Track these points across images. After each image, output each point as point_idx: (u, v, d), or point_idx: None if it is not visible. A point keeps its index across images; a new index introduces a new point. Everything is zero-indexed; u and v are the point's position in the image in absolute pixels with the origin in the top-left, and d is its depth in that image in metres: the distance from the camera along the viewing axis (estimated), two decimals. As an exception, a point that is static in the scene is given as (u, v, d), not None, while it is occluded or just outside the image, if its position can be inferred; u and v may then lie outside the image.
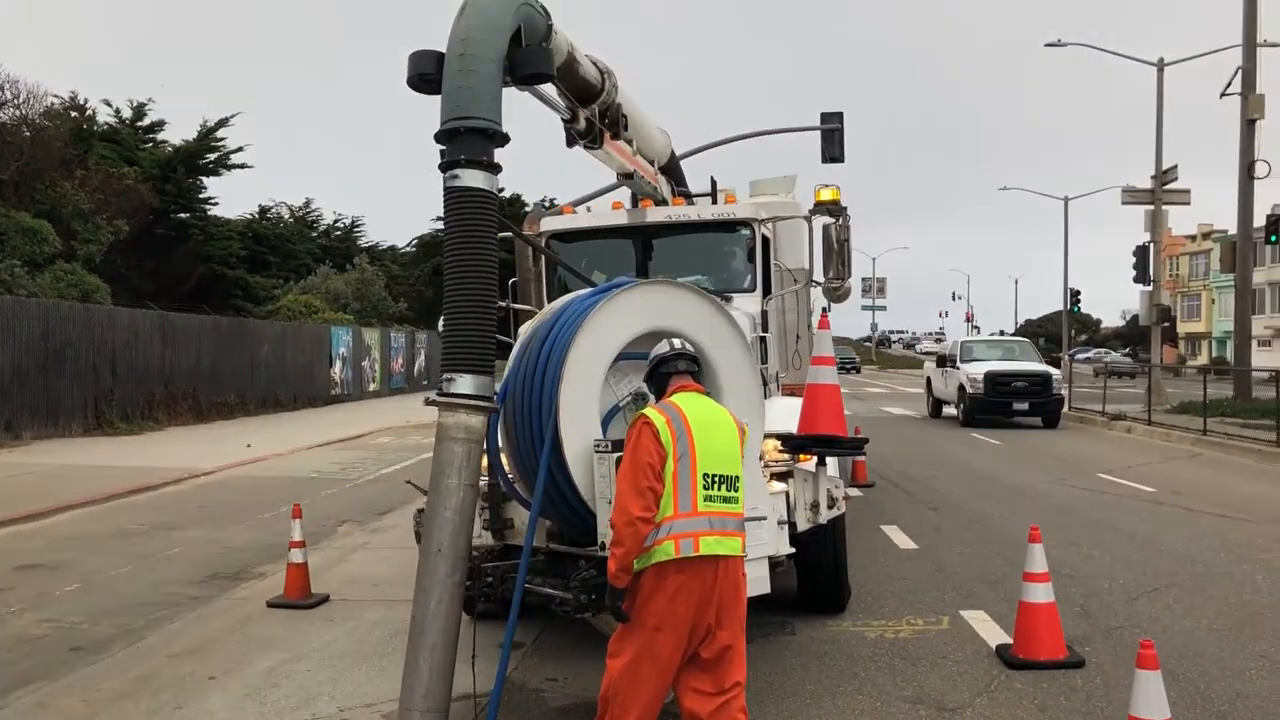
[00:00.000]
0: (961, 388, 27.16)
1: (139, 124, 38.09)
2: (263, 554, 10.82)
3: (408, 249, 75.13)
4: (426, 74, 5.53)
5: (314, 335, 36.02)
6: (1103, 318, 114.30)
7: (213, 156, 37.89)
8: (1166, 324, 34.99)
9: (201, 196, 38.27)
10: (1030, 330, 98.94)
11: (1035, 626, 6.78)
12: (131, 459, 18.46)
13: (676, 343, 5.23)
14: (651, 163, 9.67)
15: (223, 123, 38.01)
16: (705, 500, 4.66)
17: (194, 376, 27.68)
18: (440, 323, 9.06)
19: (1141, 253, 32.98)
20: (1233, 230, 35.03)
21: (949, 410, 29.36)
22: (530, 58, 5.65)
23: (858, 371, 76.60)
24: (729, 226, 9.10)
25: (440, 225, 53.78)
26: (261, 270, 45.60)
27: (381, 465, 18.71)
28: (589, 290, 6.37)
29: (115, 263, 31.54)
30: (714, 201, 10.42)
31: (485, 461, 5.56)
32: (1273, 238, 34.42)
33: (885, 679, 6.58)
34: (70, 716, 6.14)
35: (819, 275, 8.96)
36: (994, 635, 7.43)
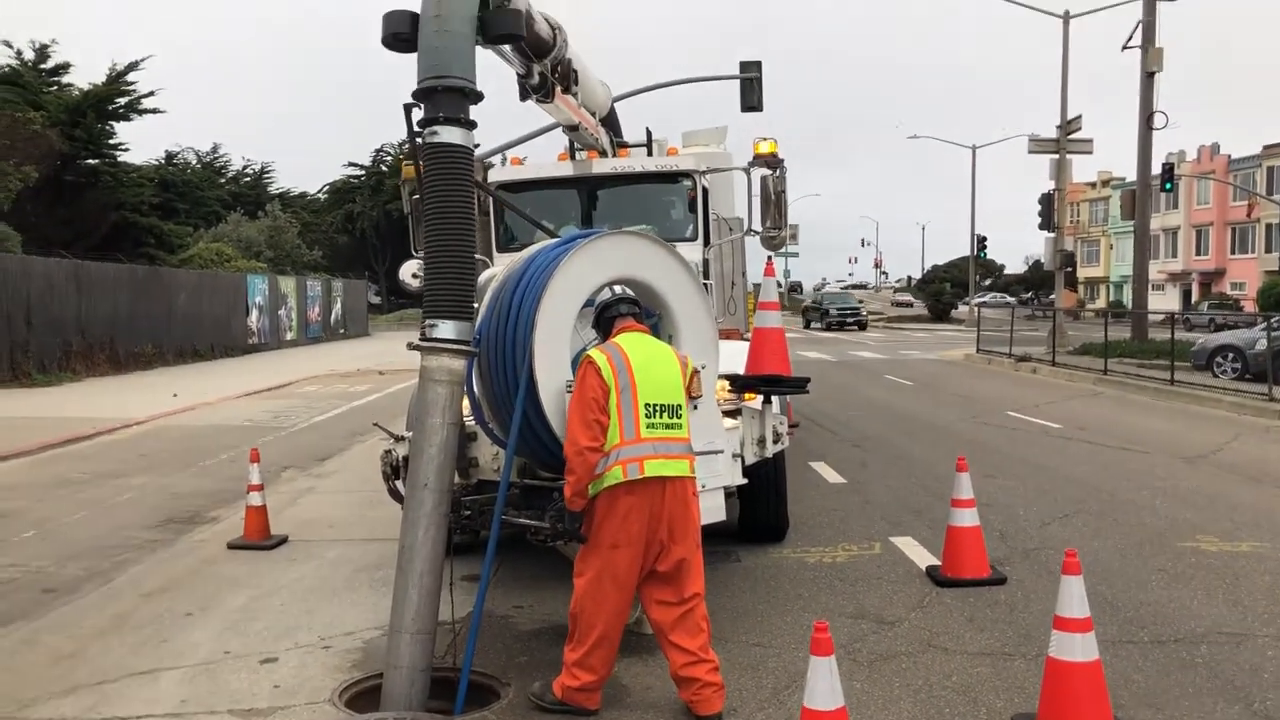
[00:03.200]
0: None
1: (42, 66, 36.84)
2: (212, 499, 11.03)
3: (319, 195, 74.09)
4: (401, 34, 5.77)
5: (230, 284, 35.57)
6: (1006, 263, 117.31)
7: (123, 101, 36.81)
8: (1069, 269, 36.41)
9: (111, 142, 37.27)
10: (937, 276, 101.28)
11: (962, 548, 7.41)
12: (57, 410, 18.31)
13: (617, 289, 5.70)
14: (593, 115, 9.98)
15: (133, 66, 36.97)
16: (648, 428, 5.17)
17: (111, 326, 27.26)
18: (401, 271, 9.39)
19: (1046, 200, 34.15)
20: (1131, 178, 36.45)
21: None
22: (501, 19, 5.93)
23: (862, 328, 55.44)
24: (671, 178, 9.49)
25: (352, 171, 52.89)
26: (171, 218, 44.70)
27: (313, 414, 18.83)
28: (555, 240, 6.72)
29: (25, 210, 30.72)
30: (650, 152, 10.79)
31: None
32: (1168, 185, 35.99)
33: (827, 598, 7.15)
34: (59, 653, 6.40)
35: (756, 225, 9.39)
36: (922, 558, 8.06)
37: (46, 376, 23.69)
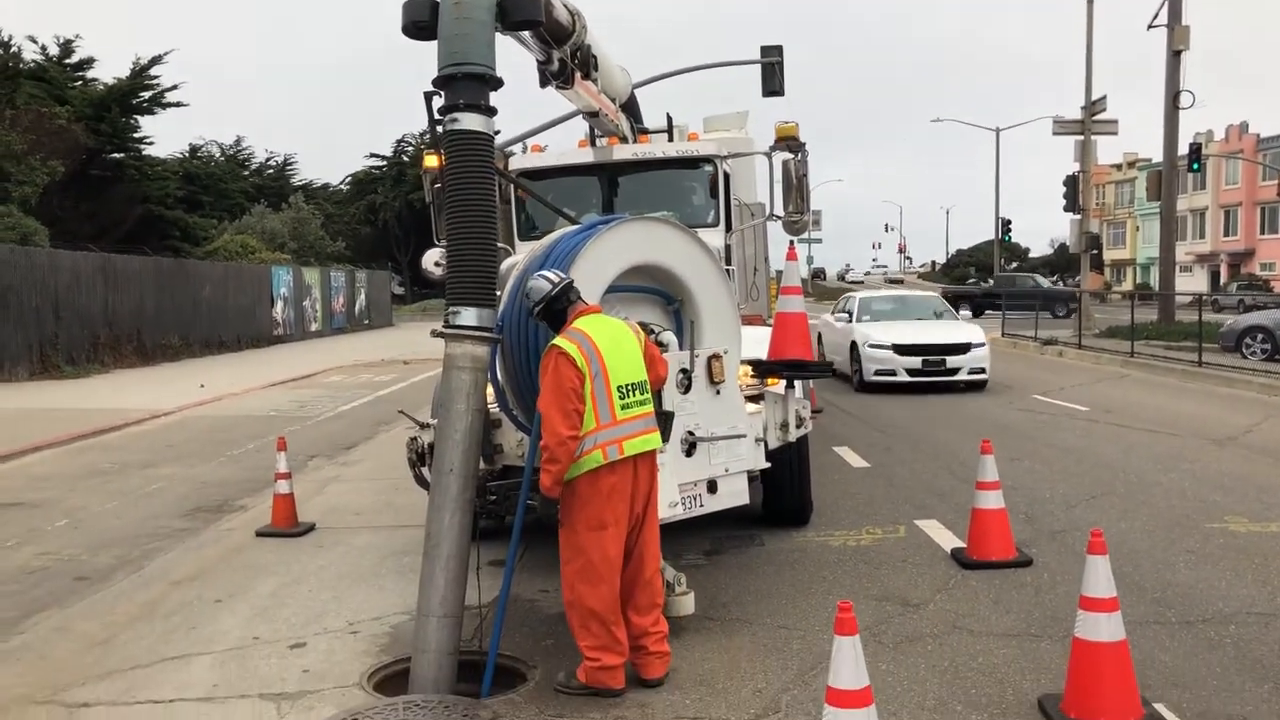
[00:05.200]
0: None
1: (67, 61, 37.12)
2: (240, 488, 11.14)
3: (341, 186, 74.34)
4: (420, 22, 5.78)
5: (255, 276, 35.78)
6: (1031, 246, 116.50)
7: (147, 95, 37.09)
8: (1094, 251, 36.12)
9: (136, 136, 37.59)
10: (961, 260, 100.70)
11: (987, 530, 7.39)
12: (87, 401, 18.50)
13: (552, 276, 5.50)
14: (613, 101, 9.97)
15: (156, 60, 37.21)
16: (622, 409, 5.27)
17: (137, 318, 27.50)
18: (424, 259, 9.43)
19: (1071, 182, 33.84)
20: (1157, 159, 36.12)
21: None
22: (520, 5, 5.93)
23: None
24: (692, 163, 9.47)
25: (373, 162, 52.85)
26: (195, 211, 45.02)
27: (339, 403, 18.96)
28: (577, 227, 6.73)
29: (51, 205, 31.01)
30: (670, 138, 10.77)
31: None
32: (1195, 165, 35.62)
33: (852, 581, 7.15)
34: (91, 639, 6.49)
35: (779, 209, 9.37)
36: (948, 541, 8.05)
37: (75, 369, 23.92)
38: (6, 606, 7.17)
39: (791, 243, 8.48)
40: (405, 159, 68.41)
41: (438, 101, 5.74)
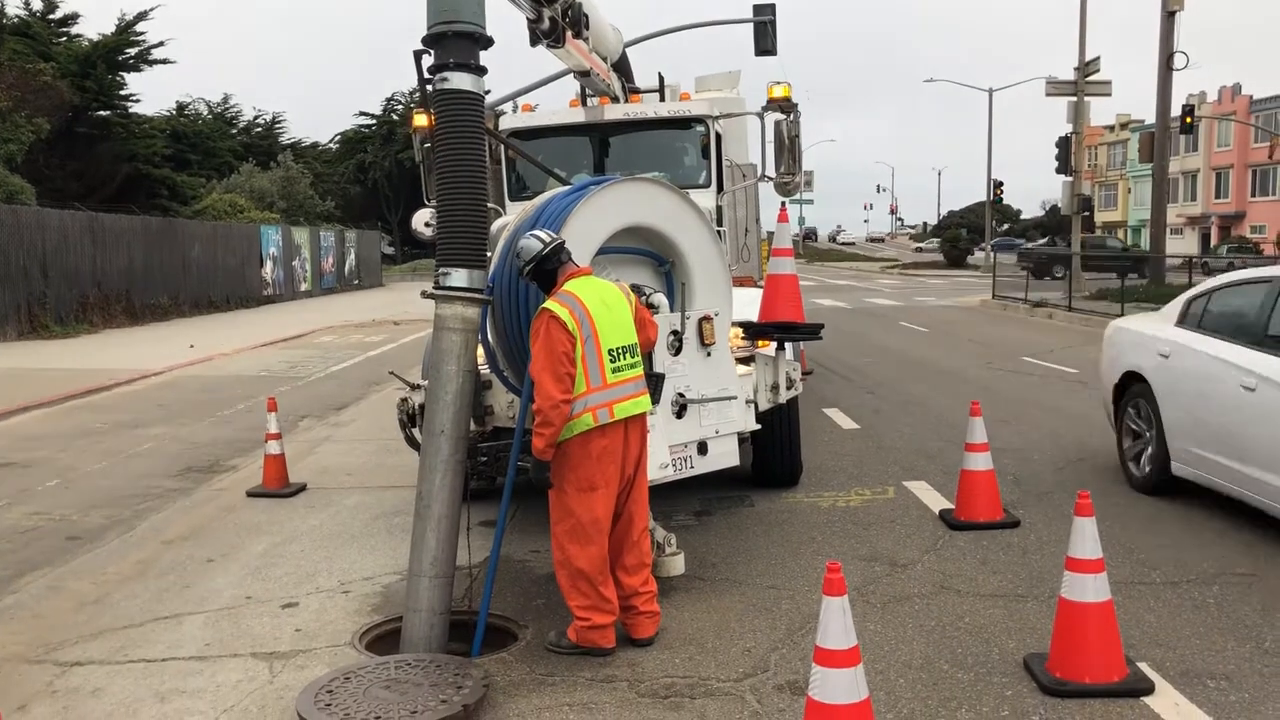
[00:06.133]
0: None
1: (50, 17, 36.67)
2: (231, 448, 11.15)
3: (330, 145, 73.79)
4: (410, -21, 5.73)
5: (244, 235, 35.59)
6: (1023, 208, 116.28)
7: (133, 52, 36.71)
8: (1086, 213, 36.09)
9: (122, 93, 37.23)
10: (953, 222, 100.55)
11: (975, 492, 7.44)
12: (76, 361, 18.47)
13: (544, 235, 5.47)
14: (605, 60, 9.89)
15: (141, 16, 36.77)
16: (613, 372, 5.28)
17: (126, 278, 27.40)
18: (414, 219, 9.39)
19: (1064, 144, 33.74)
20: (1150, 120, 35.99)
21: None
22: (510, -38, 5.88)
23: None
24: (684, 123, 9.41)
25: (363, 121, 52.51)
26: (183, 169, 44.68)
27: (330, 363, 18.94)
28: (568, 188, 6.70)
29: (37, 163, 30.75)
30: (662, 97, 10.70)
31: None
32: (1187, 127, 35.49)
33: (840, 541, 7.20)
34: (84, 598, 6.51)
35: (770, 170, 9.33)
36: (936, 502, 8.10)
37: (64, 328, 23.86)
38: (-2, 566, 7.20)
39: (783, 204, 8.46)
40: (395, 118, 67.89)
41: (427, 60, 5.69)
